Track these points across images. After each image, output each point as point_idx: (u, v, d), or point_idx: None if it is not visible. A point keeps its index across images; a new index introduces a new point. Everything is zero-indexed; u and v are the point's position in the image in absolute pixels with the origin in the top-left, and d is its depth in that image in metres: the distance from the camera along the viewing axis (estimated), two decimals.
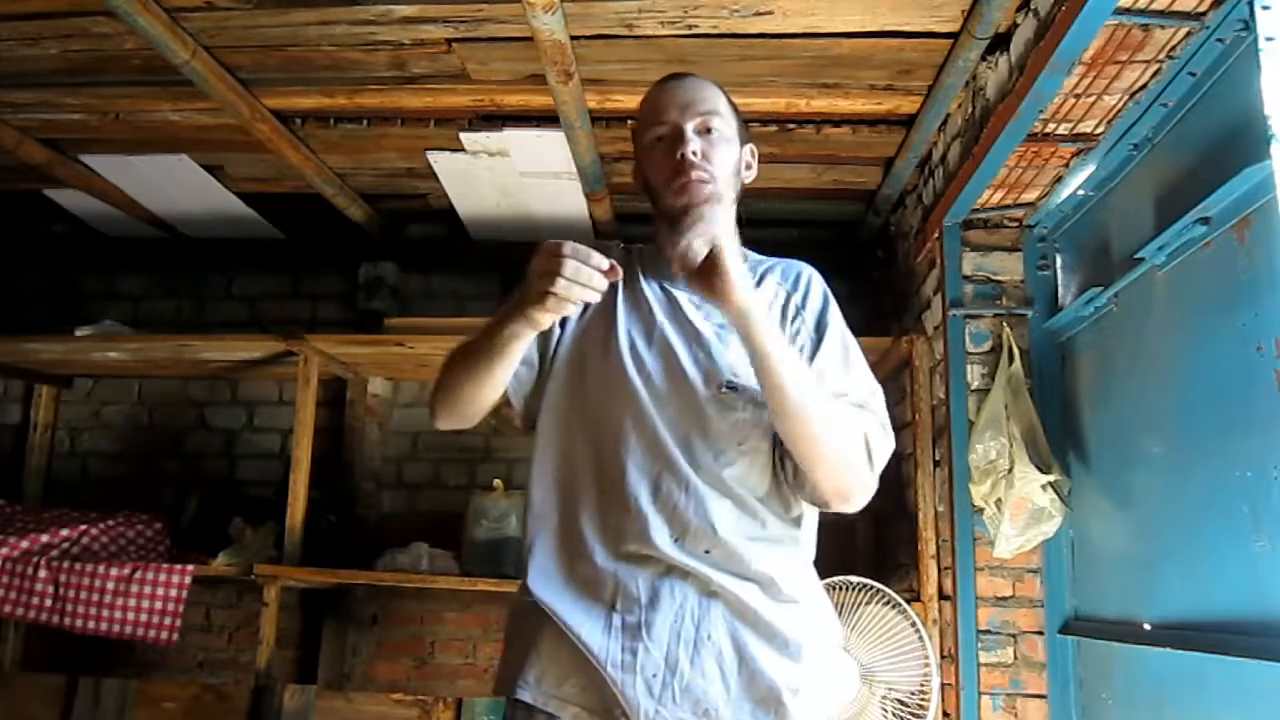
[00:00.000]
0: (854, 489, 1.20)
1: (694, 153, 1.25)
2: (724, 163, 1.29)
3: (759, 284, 1.32)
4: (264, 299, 3.70)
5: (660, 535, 1.19)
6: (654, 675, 1.16)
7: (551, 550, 1.25)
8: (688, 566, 1.19)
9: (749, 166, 1.35)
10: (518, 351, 1.19)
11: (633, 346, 1.26)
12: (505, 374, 1.22)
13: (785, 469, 1.23)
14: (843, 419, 1.19)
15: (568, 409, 1.27)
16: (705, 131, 1.27)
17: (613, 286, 1.31)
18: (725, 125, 1.29)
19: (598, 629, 1.18)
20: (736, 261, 1.09)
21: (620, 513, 1.20)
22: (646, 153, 1.31)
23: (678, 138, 1.27)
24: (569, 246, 1.07)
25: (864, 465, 1.20)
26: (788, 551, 1.25)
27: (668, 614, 1.18)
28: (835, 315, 1.31)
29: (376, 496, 3.46)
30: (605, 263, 1.08)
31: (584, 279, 1.07)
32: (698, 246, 1.11)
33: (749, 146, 1.36)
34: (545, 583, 1.23)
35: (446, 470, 3.48)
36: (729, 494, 1.21)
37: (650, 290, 1.32)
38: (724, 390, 1.22)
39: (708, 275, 1.09)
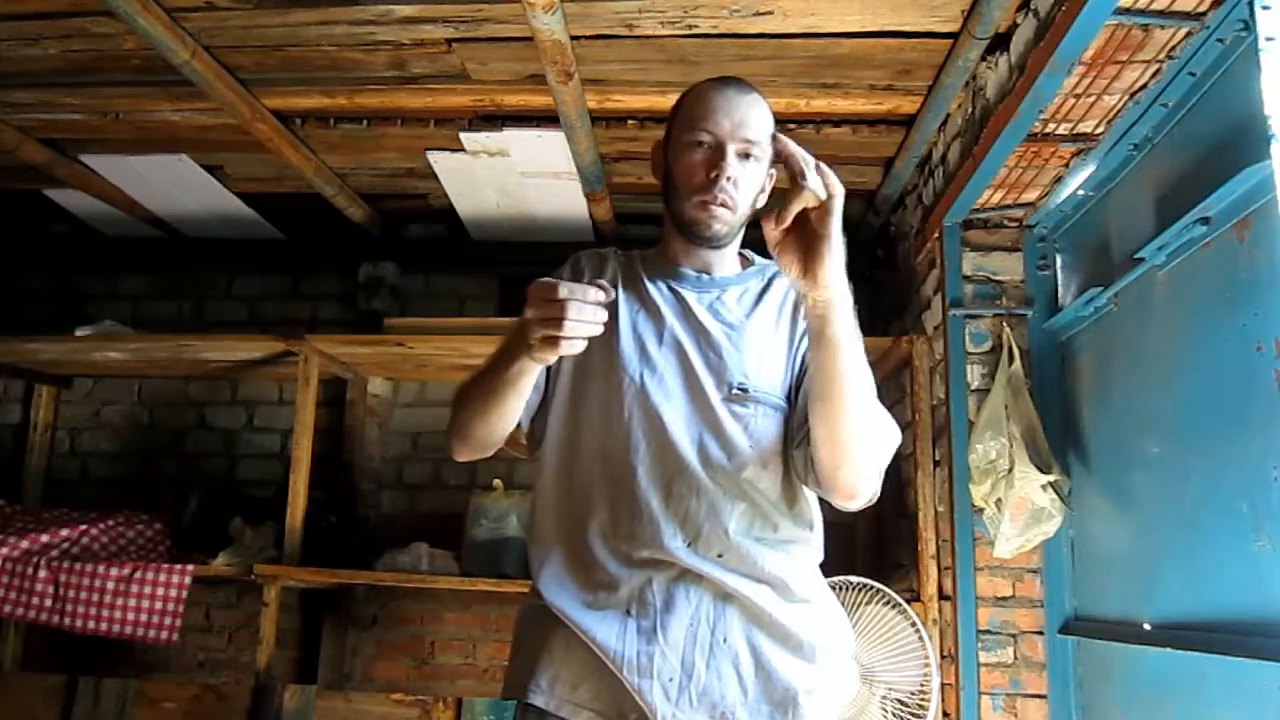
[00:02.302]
0: (869, 487, 1.18)
1: (729, 178, 1.23)
2: (751, 193, 1.27)
3: (768, 285, 1.33)
4: (264, 299, 3.70)
5: (673, 540, 1.18)
6: (670, 679, 1.16)
7: (563, 557, 1.24)
8: (701, 570, 1.18)
9: (763, 190, 1.32)
10: (528, 385, 1.16)
11: (641, 349, 1.26)
12: (518, 405, 1.20)
13: (797, 461, 1.22)
14: (879, 417, 1.16)
15: (574, 419, 1.27)
16: (745, 157, 1.24)
17: (614, 291, 1.33)
18: (763, 154, 1.26)
19: (613, 633, 1.17)
20: (839, 235, 1.03)
21: (632, 518, 1.20)
22: (680, 149, 1.27)
23: (719, 153, 1.23)
24: (564, 288, 1.02)
25: (880, 464, 1.19)
26: (799, 553, 1.25)
27: (683, 618, 1.18)
28: None
29: (376, 496, 3.46)
30: (600, 295, 1.05)
31: (587, 317, 1.03)
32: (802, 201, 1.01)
33: (771, 171, 1.33)
34: (558, 588, 1.22)
35: (446, 470, 3.48)
36: (742, 496, 1.20)
37: (657, 291, 1.31)
38: (735, 392, 1.22)
39: (813, 243, 1.02)
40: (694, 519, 1.19)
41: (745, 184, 1.25)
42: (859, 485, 1.17)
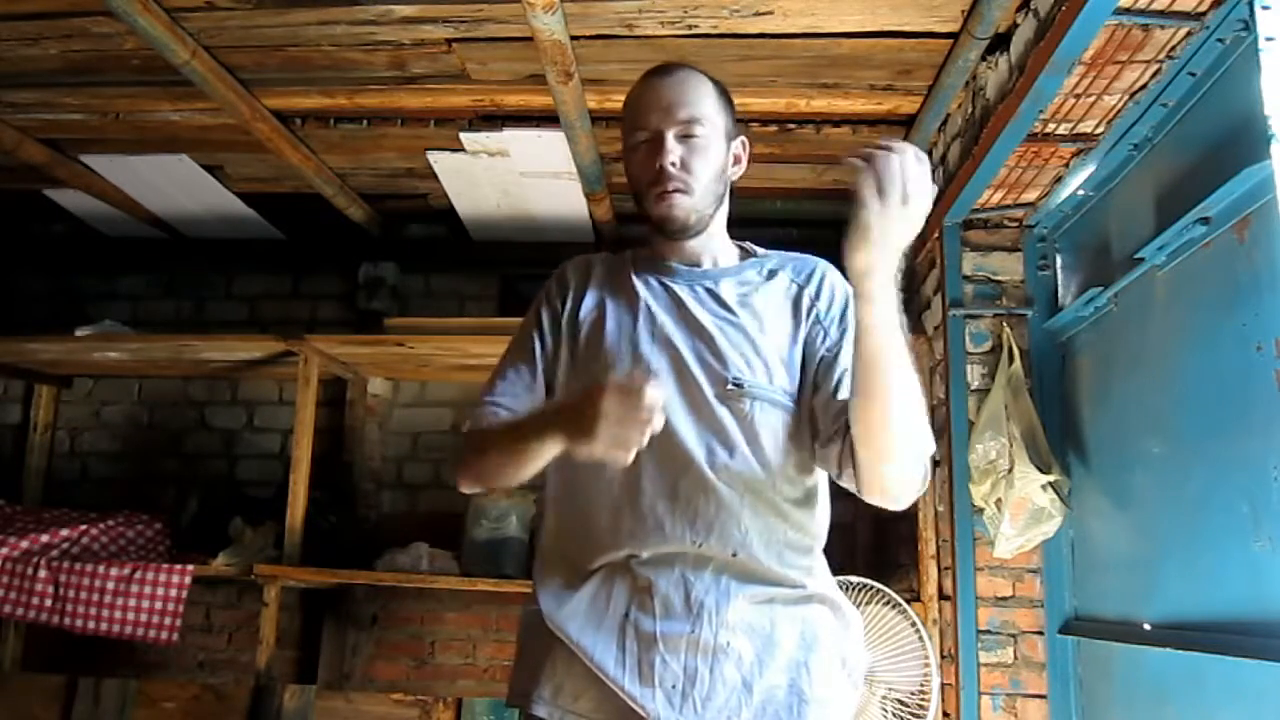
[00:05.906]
0: (918, 483, 1.15)
1: (673, 164, 1.22)
2: (706, 169, 1.25)
3: (770, 278, 1.30)
4: (264, 299, 3.70)
5: (677, 541, 1.17)
6: (673, 686, 1.14)
7: (562, 563, 1.23)
8: (705, 571, 1.17)
9: (737, 161, 1.30)
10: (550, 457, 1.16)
11: (633, 348, 1.24)
12: (535, 471, 1.19)
13: (829, 457, 1.18)
14: (921, 419, 1.13)
15: None
16: (687, 137, 1.23)
17: (602, 294, 1.31)
18: (709, 127, 1.24)
19: (611, 645, 1.16)
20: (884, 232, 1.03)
21: (636, 519, 1.18)
22: (630, 154, 1.28)
23: (658, 144, 1.23)
24: (652, 394, 1.02)
25: (919, 469, 1.15)
26: (805, 552, 1.24)
27: (685, 623, 1.16)
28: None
29: (376, 496, 3.46)
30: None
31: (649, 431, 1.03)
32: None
33: (739, 140, 1.31)
34: (555, 600, 1.21)
35: (446, 470, 3.48)
36: (745, 496, 1.18)
37: (647, 288, 1.29)
38: (730, 388, 1.20)
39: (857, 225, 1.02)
40: (699, 519, 1.17)
41: (696, 162, 1.24)
42: (902, 488, 1.14)
